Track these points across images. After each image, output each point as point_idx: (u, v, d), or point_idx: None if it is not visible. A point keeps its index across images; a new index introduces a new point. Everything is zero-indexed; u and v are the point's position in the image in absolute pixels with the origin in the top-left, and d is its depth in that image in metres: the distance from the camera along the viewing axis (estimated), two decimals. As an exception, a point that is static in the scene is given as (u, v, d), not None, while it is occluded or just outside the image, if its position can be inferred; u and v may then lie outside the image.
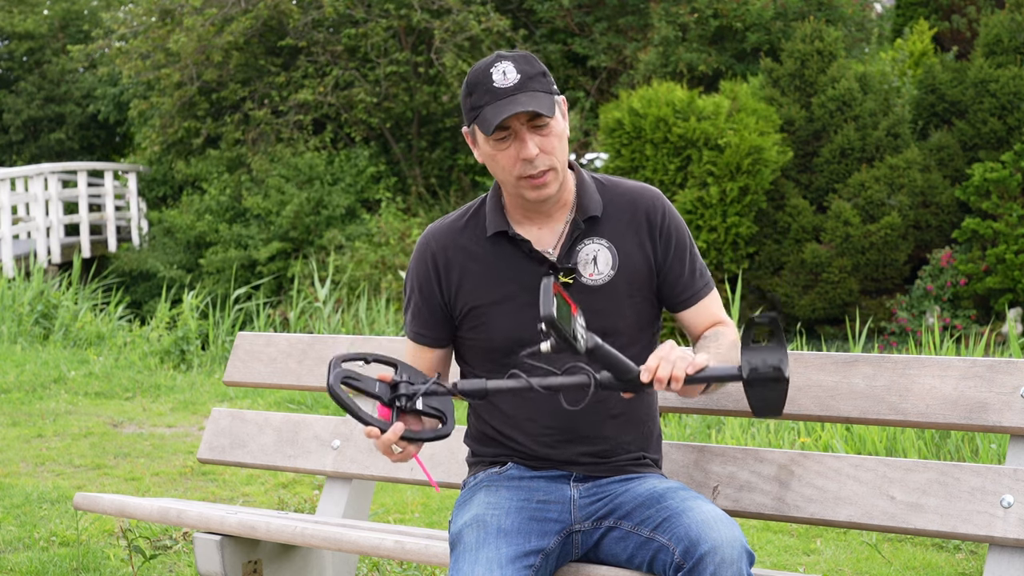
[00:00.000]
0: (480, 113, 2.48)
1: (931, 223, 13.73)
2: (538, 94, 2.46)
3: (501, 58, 2.48)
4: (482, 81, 2.48)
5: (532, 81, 2.47)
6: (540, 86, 2.48)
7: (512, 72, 2.47)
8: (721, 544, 2.28)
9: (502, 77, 2.47)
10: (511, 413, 2.59)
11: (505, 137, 2.48)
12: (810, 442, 5.34)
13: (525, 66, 2.48)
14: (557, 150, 2.50)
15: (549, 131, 2.49)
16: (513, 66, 2.47)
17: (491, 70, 2.47)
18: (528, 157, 2.47)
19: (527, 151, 2.47)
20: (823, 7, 16.33)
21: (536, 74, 2.49)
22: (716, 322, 2.62)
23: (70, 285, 12.43)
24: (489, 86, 2.47)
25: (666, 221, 2.60)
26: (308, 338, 3.50)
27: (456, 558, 2.41)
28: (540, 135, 2.48)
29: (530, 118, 2.47)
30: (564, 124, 2.54)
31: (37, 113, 22.74)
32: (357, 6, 17.08)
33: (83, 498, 3.16)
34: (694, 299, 2.61)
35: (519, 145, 2.48)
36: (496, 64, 2.48)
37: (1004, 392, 2.59)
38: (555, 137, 2.50)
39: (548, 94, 2.49)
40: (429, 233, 2.66)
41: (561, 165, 2.52)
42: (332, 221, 16.36)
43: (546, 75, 2.51)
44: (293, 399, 7.23)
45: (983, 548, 4.31)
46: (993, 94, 13.57)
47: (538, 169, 2.49)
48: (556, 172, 2.52)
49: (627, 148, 14.19)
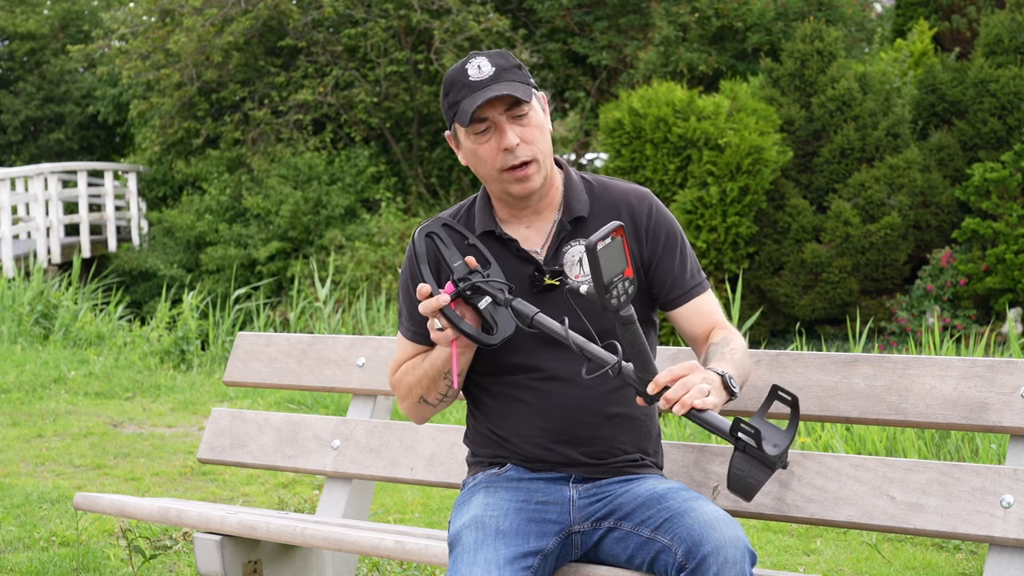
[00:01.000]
0: (458, 108, 2.49)
1: (931, 223, 13.73)
2: (514, 83, 2.48)
3: (475, 55, 2.51)
4: (458, 78, 2.50)
5: (507, 72, 2.49)
6: (516, 77, 2.50)
7: (487, 65, 2.49)
8: (724, 544, 2.28)
9: (477, 71, 2.48)
10: (508, 415, 2.58)
11: (485, 130, 2.49)
12: (810, 442, 5.34)
13: (500, 60, 2.50)
14: (538, 141, 2.51)
15: (528, 121, 2.50)
16: (488, 60, 2.49)
17: (466, 67, 2.50)
18: (509, 146, 2.47)
19: (507, 140, 2.47)
20: (823, 7, 16.33)
21: (511, 67, 2.50)
22: (713, 324, 2.60)
23: (70, 285, 12.43)
24: (465, 81, 2.48)
25: (652, 219, 2.59)
26: (308, 338, 3.49)
27: (454, 559, 2.40)
28: (520, 125, 2.49)
29: (508, 107, 2.48)
30: (545, 118, 2.55)
31: (36, 113, 22.74)
32: (357, 6, 17.09)
33: (83, 498, 3.16)
34: (686, 297, 2.59)
35: (499, 136, 2.49)
36: (471, 60, 2.50)
37: (1004, 392, 2.59)
38: (535, 127, 2.50)
39: (525, 84, 2.50)
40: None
41: (543, 157, 2.52)
42: (332, 221, 16.36)
43: (521, 68, 2.53)
44: (293, 399, 7.23)
45: (983, 548, 4.31)
46: (993, 94, 13.57)
47: (520, 159, 2.49)
48: (539, 164, 2.51)
49: (627, 148, 14.19)
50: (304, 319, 10.81)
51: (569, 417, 2.53)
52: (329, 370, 3.40)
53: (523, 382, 2.55)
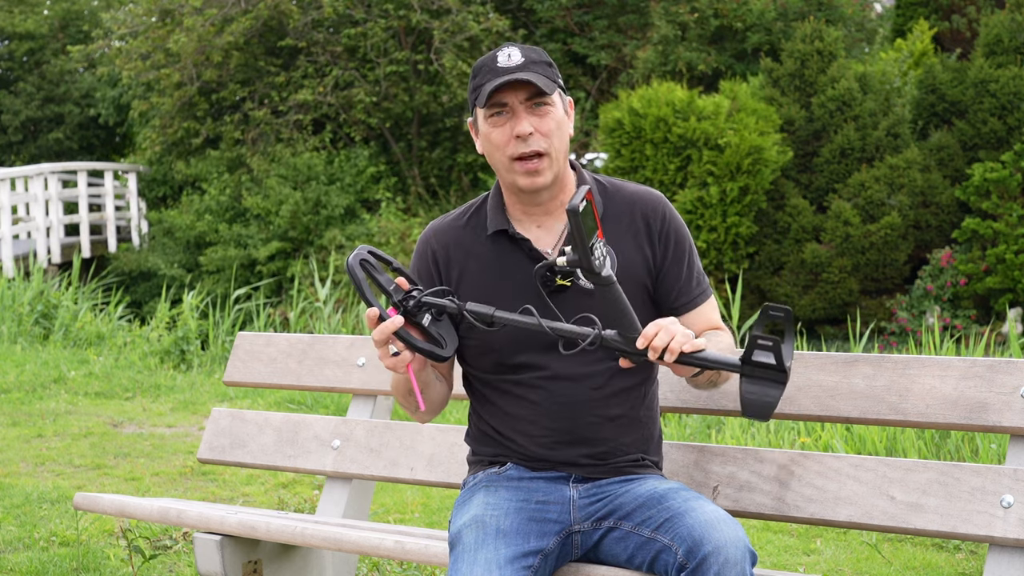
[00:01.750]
0: (480, 91, 2.50)
1: (931, 223, 13.73)
2: (539, 75, 2.49)
3: (509, 45, 2.53)
4: (487, 63, 2.52)
5: (536, 65, 2.50)
6: (543, 71, 2.51)
7: (517, 55, 2.50)
8: (724, 544, 2.28)
9: (506, 59, 2.50)
10: (511, 413, 2.58)
11: (501, 113, 2.50)
12: (810, 442, 5.34)
13: (531, 53, 2.52)
14: (554, 135, 2.51)
15: (547, 114, 2.50)
16: (519, 51, 2.51)
17: (497, 53, 2.52)
18: (521, 133, 2.48)
19: (521, 127, 2.48)
20: (823, 7, 16.33)
21: (541, 61, 2.52)
22: (712, 327, 2.62)
23: (70, 285, 12.43)
24: (492, 66, 2.50)
25: (666, 225, 2.59)
26: (308, 338, 3.49)
27: (455, 559, 2.40)
28: (537, 116, 2.50)
29: (529, 97, 2.48)
30: (565, 119, 2.55)
31: (36, 113, 22.74)
32: (357, 6, 17.08)
33: (83, 498, 3.16)
34: (691, 305, 2.59)
35: (515, 122, 2.49)
36: (503, 49, 2.52)
37: (1004, 392, 2.59)
38: (553, 121, 2.51)
39: (551, 80, 2.50)
40: (430, 230, 2.66)
41: (556, 153, 2.52)
42: (332, 221, 16.36)
43: (552, 66, 2.54)
44: (293, 399, 7.23)
45: (983, 548, 4.31)
46: (993, 94, 13.57)
47: (531, 149, 2.49)
48: (551, 159, 2.51)
49: (627, 148, 14.19)
50: (304, 319, 10.81)
51: (573, 418, 2.53)
52: (329, 370, 3.40)
53: (527, 381, 2.55)
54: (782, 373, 2.25)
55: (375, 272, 2.42)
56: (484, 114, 2.52)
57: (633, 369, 2.54)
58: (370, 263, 2.42)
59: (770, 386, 2.26)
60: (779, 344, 2.24)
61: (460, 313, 2.43)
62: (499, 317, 2.40)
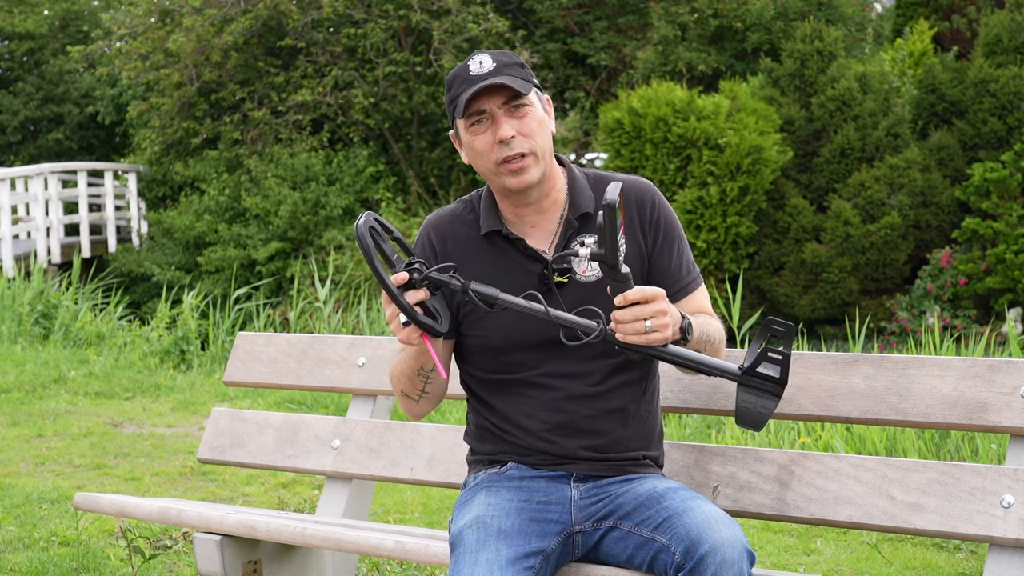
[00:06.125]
0: (457, 102, 2.51)
1: (931, 223, 13.73)
2: (513, 78, 2.50)
3: (478, 53, 2.54)
4: (459, 73, 2.53)
5: (508, 68, 2.51)
6: (516, 73, 2.52)
7: (488, 61, 2.51)
8: (722, 544, 2.28)
9: (478, 66, 2.51)
10: (509, 409, 2.58)
11: (481, 120, 2.51)
12: (810, 442, 5.33)
13: (501, 57, 2.53)
14: (536, 135, 2.51)
15: (526, 114, 2.51)
16: (489, 57, 2.52)
17: (468, 63, 2.53)
18: (503, 137, 2.49)
19: (502, 131, 2.49)
20: (823, 7, 16.33)
21: (512, 63, 2.53)
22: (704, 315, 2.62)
23: (70, 285, 12.43)
24: (466, 76, 2.51)
25: (655, 212, 2.60)
26: (308, 338, 3.49)
27: (456, 559, 2.40)
28: (517, 118, 2.51)
29: (506, 100, 2.49)
30: (545, 116, 2.56)
31: (35, 113, 22.74)
32: (356, 6, 17.08)
33: (83, 498, 3.16)
34: (682, 292, 2.60)
35: (495, 128, 2.50)
36: (473, 57, 2.53)
37: (1004, 392, 2.59)
38: (534, 121, 2.52)
39: (524, 80, 2.51)
40: (429, 223, 2.67)
41: (541, 151, 2.52)
42: (331, 221, 16.36)
43: (524, 67, 2.55)
44: (293, 399, 7.23)
45: (983, 548, 4.31)
46: (993, 94, 13.57)
47: (515, 151, 2.49)
48: (536, 157, 2.52)
49: (627, 148, 14.19)
50: (304, 319, 10.81)
51: (571, 411, 2.53)
52: (329, 370, 3.40)
53: (525, 379, 2.55)
54: (781, 387, 2.25)
55: (381, 241, 2.42)
56: (464, 124, 2.54)
57: (633, 364, 2.54)
58: (376, 231, 2.42)
59: (766, 397, 2.27)
60: (788, 360, 2.26)
61: (464, 291, 2.42)
62: (503, 299, 2.39)
